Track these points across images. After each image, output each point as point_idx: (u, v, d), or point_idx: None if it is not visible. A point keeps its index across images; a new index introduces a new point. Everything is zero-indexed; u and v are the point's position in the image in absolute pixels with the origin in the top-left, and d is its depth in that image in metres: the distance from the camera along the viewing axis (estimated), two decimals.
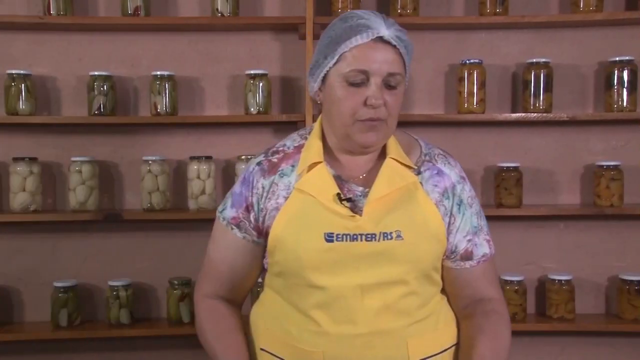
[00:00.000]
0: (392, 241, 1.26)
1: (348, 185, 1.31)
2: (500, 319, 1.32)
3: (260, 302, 1.42)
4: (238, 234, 1.36)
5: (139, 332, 2.58)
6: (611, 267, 2.70)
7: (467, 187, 1.37)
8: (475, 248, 1.35)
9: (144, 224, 2.67)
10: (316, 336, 1.27)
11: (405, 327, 1.27)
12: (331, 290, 1.26)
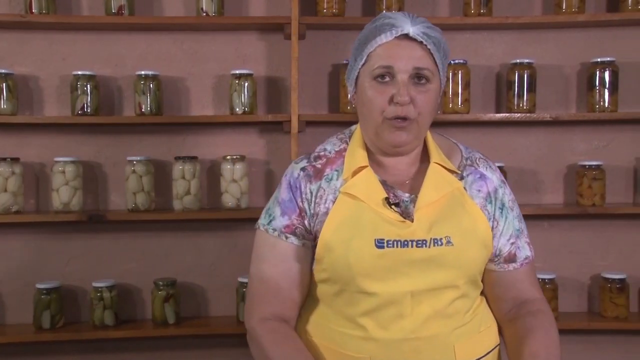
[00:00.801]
0: (443, 247, 1.25)
1: (394, 191, 1.30)
2: (547, 318, 1.32)
3: (303, 312, 1.38)
4: (295, 242, 1.32)
5: (124, 334, 2.56)
6: (594, 266, 2.73)
7: (507, 191, 1.37)
8: (519, 251, 1.35)
9: (129, 224, 2.65)
10: (363, 342, 1.26)
11: (452, 331, 1.27)
12: (382, 297, 1.24)
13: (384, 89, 1.25)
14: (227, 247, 2.70)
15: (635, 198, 2.71)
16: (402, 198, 1.29)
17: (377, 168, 1.32)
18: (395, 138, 1.26)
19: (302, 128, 2.52)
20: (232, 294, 2.63)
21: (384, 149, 1.31)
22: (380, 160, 1.33)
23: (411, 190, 1.30)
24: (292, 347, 1.28)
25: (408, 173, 1.33)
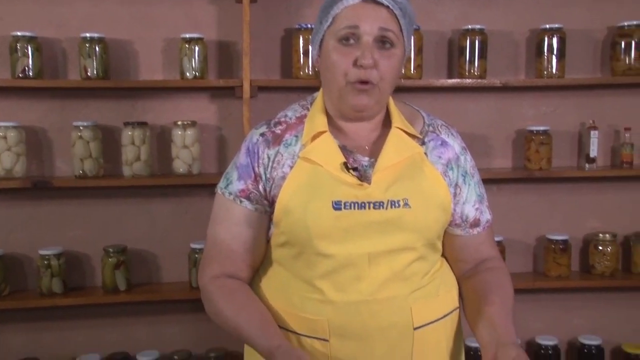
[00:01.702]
0: (400, 209, 1.26)
1: (354, 156, 1.30)
2: (503, 273, 1.38)
3: (261, 275, 1.39)
4: (249, 206, 1.32)
5: (73, 301, 2.53)
6: (539, 228, 2.81)
7: (468, 157, 1.39)
8: (482, 215, 1.39)
9: (76, 191, 2.60)
10: (320, 304, 1.28)
11: (410, 293, 1.29)
12: (339, 259, 1.26)
13: (348, 51, 1.24)
14: (178, 214, 2.67)
15: (579, 162, 2.79)
16: (361, 162, 1.30)
17: (337, 133, 1.33)
18: (358, 101, 1.26)
19: (254, 93, 2.49)
20: (184, 260, 2.62)
21: (346, 114, 1.31)
22: (341, 126, 1.33)
23: (371, 155, 1.31)
24: (240, 297, 1.31)
25: (369, 138, 1.34)
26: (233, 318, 1.29)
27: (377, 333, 1.26)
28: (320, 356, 1.28)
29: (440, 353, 1.33)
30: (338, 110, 1.32)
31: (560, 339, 2.76)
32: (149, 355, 2.57)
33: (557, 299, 2.84)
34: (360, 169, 1.29)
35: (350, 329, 1.26)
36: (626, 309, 2.85)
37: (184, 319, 2.70)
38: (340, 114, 1.32)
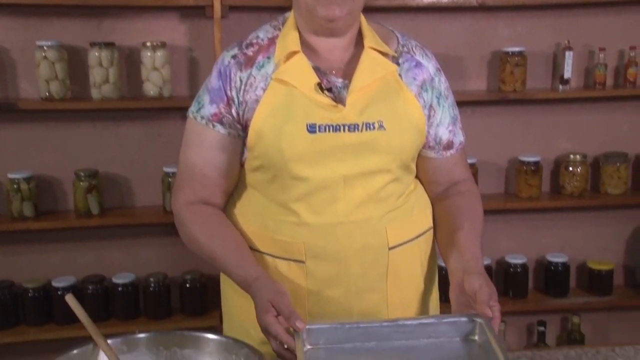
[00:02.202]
0: (375, 131, 1.25)
1: (327, 77, 1.28)
2: (474, 196, 1.39)
3: (235, 200, 1.38)
4: (222, 130, 1.30)
5: (45, 225, 2.52)
6: (511, 150, 2.84)
7: (443, 79, 1.37)
8: (455, 137, 1.38)
9: (44, 114, 2.53)
10: (296, 227, 1.28)
11: (384, 214, 1.30)
12: (314, 182, 1.25)
13: None
14: (150, 137, 2.63)
15: (553, 84, 2.79)
16: (335, 83, 1.28)
17: (310, 54, 1.29)
18: (329, 12, 1.23)
19: (226, 13, 2.41)
20: (158, 184, 2.60)
21: (318, 28, 1.28)
22: (314, 46, 1.30)
23: (345, 76, 1.29)
24: (215, 224, 1.31)
25: (342, 58, 1.31)
26: (207, 245, 1.29)
27: (353, 254, 1.28)
28: (297, 278, 1.29)
29: (414, 272, 1.36)
30: (309, 25, 1.28)
31: (529, 258, 2.83)
32: (124, 278, 2.59)
33: (527, 219, 2.90)
34: (334, 90, 1.27)
35: (326, 250, 1.27)
36: (593, 227, 2.92)
37: (158, 242, 2.71)
38: (311, 29, 1.28)
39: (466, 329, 1.16)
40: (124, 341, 1.14)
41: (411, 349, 1.13)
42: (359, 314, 1.30)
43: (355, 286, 1.29)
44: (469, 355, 1.12)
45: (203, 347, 1.15)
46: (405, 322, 1.16)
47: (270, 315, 1.14)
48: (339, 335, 1.14)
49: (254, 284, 1.21)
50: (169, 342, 1.16)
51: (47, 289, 2.56)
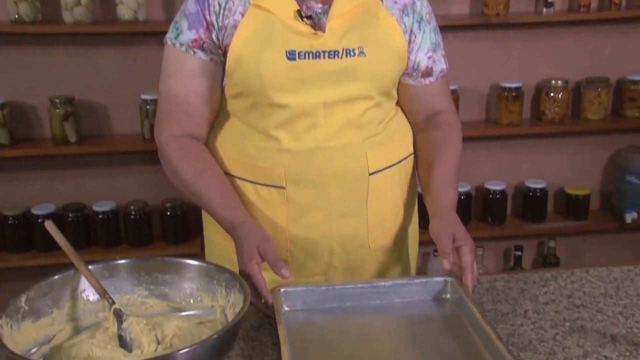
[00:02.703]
0: (355, 58, 1.23)
1: (307, 3, 1.24)
2: (451, 129, 1.37)
3: (216, 128, 1.36)
4: (203, 57, 1.26)
5: (22, 152, 2.49)
6: (493, 76, 2.81)
7: (425, 3, 1.34)
8: (435, 64, 1.35)
9: (14, 37, 2.45)
10: (276, 153, 1.27)
11: (365, 140, 1.29)
12: (294, 109, 1.23)
13: None
14: (126, 63, 2.57)
15: (537, 7, 2.75)
16: (314, 9, 1.24)
17: None
18: None
19: None
20: (135, 111, 2.55)
21: None
22: None
23: (324, 1, 1.25)
24: (201, 163, 1.30)
25: None
26: (193, 183, 1.28)
27: (333, 179, 1.27)
28: (278, 204, 1.29)
29: (394, 197, 1.36)
30: None
31: (508, 184, 2.86)
32: (104, 206, 2.59)
33: (507, 145, 2.91)
34: (314, 17, 1.23)
35: (306, 176, 1.27)
36: (572, 153, 2.95)
37: (138, 171, 2.69)
38: None
39: (438, 289, 1.19)
40: (105, 267, 1.14)
41: (386, 309, 1.17)
42: (339, 238, 1.31)
43: (335, 211, 1.29)
44: (442, 313, 1.16)
45: (184, 273, 1.16)
46: (379, 283, 1.19)
47: (254, 264, 1.14)
48: (315, 297, 1.17)
49: (240, 228, 1.20)
50: (150, 267, 1.17)
51: (27, 217, 2.56)
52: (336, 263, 1.33)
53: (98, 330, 1.07)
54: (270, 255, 1.15)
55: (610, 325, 1.14)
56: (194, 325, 1.08)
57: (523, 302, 1.21)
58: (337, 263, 1.33)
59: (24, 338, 1.02)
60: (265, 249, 1.16)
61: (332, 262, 1.33)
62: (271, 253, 1.15)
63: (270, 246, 1.17)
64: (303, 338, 1.08)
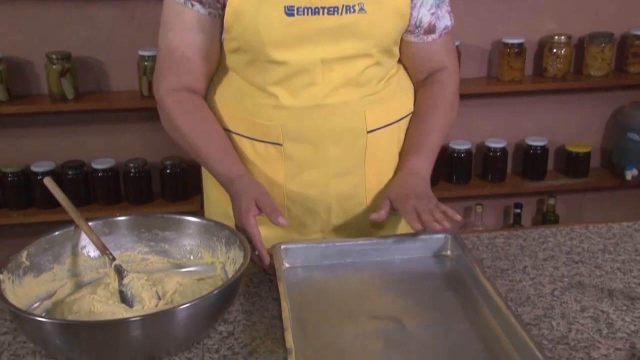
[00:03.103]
0: (355, 14, 1.20)
1: None
2: (443, 89, 1.35)
3: (215, 82, 1.34)
4: (202, 10, 1.23)
5: (20, 109, 2.47)
6: (495, 32, 2.78)
7: None
8: (438, 21, 1.32)
9: None
10: (274, 110, 1.25)
11: (364, 98, 1.27)
12: (292, 65, 1.22)
13: None
14: (123, 19, 2.53)
15: None
16: None
17: None
18: None
19: None
20: (134, 68, 2.53)
21: None
22: None
23: None
24: (200, 117, 1.29)
25: None
26: (191, 136, 1.27)
27: (330, 137, 1.27)
28: (275, 161, 1.28)
29: (392, 156, 1.35)
30: None
31: (508, 142, 2.85)
32: (104, 164, 2.58)
33: (509, 102, 2.89)
34: None
35: (304, 133, 1.26)
36: (573, 110, 2.93)
37: (137, 128, 2.67)
38: None
39: (438, 245, 1.20)
40: (105, 223, 1.15)
41: (386, 265, 1.17)
42: (337, 196, 1.30)
43: (333, 169, 1.29)
44: (441, 269, 1.16)
45: (184, 230, 1.16)
46: (379, 240, 1.19)
47: (251, 217, 1.14)
48: (315, 254, 1.17)
49: (237, 181, 1.20)
50: (150, 224, 1.17)
51: (27, 174, 2.55)
52: (334, 221, 1.33)
53: (99, 286, 1.08)
54: (268, 206, 1.15)
55: (608, 280, 1.14)
56: (195, 281, 1.09)
57: (522, 259, 1.22)
58: (334, 221, 1.33)
59: (26, 293, 1.02)
60: (262, 201, 1.16)
61: (330, 220, 1.33)
62: (269, 204, 1.16)
63: (267, 198, 1.17)
64: (303, 294, 1.09)
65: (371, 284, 1.13)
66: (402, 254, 1.19)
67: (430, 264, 1.18)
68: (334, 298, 1.09)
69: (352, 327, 1.00)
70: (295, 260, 1.17)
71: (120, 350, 0.90)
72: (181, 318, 0.91)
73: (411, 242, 1.19)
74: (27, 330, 0.94)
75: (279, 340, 0.98)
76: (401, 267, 1.17)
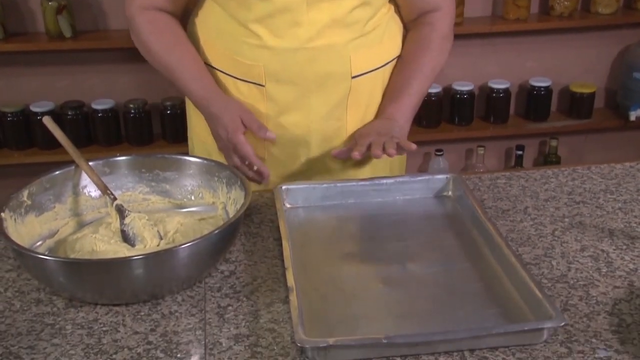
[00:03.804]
0: None
1: None
2: (431, 31, 1.31)
3: (197, 12, 1.30)
4: None
5: (16, 47, 2.44)
6: None
7: None
8: None
9: None
10: (257, 49, 1.22)
11: (350, 41, 1.23)
12: (274, 3, 1.17)
13: None
14: None
15: None
16: None
17: None
18: None
19: None
20: None
21: None
22: None
23: None
24: (173, 36, 1.26)
25: None
26: (163, 56, 1.25)
27: (314, 80, 1.23)
28: (257, 101, 1.26)
29: (375, 100, 1.32)
30: None
31: (512, 83, 2.82)
32: (103, 104, 2.56)
33: (513, 42, 2.83)
34: None
35: (287, 75, 1.23)
36: (579, 50, 2.88)
37: (137, 68, 2.63)
38: None
39: (439, 186, 1.19)
40: (106, 163, 1.14)
41: (387, 206, 1.17)
42: (318, 139, 1.29)
43: (314, 113, 1.26)
44: (443, 210, 1.16)
45: (185, 170, 1.16)
46: (381, 181, 1.19)
47: (240, 134, 1.13)
48: (317, 194, 1.17)
49: (215, 101, 1.18)
50: (150, 164, 1.16)
51: (26, 114, 2.54)
52: (314, 164, 1.31)
53: (101, 226, 1.08)
54: (254, 122, 1.15)
55: (609, 220, 1.14)
56: (196, 221, 1.09)
57: (523, 199, 1.22)
58: (314, 164, 1.31)
59: (29, 232, 1.03)
60: (247, 119, 1.15)
61: (310, 163, 1.31)
62: (254, 120, 1.16)
63: (251, 115, 1.17)
64: (304, 234, 1.09)
65: (372, 224, 1.13)
66: (403, 194, 1.19)
67: (431, 204, 1.18)
68: (334, 238, 1.09)
69: (353, 267, 1.01)
70: (296, 201, 1.17)
71: (123, 288, 0.91)
72: (183, 257, 0.92)
73: (412, 183, 1.19)
74: (30, 268, 0.94)
75: (279, 280, 0.99)
76: (402, 207, 1.17)
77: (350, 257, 1.04)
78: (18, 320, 0.91)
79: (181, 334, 0.88)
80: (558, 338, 0.86)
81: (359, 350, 0.82)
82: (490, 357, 0.83)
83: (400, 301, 0.93)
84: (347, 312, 0.91)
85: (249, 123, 1.15)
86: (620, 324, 0.89)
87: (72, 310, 0.93)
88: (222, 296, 0.96)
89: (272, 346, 0.85)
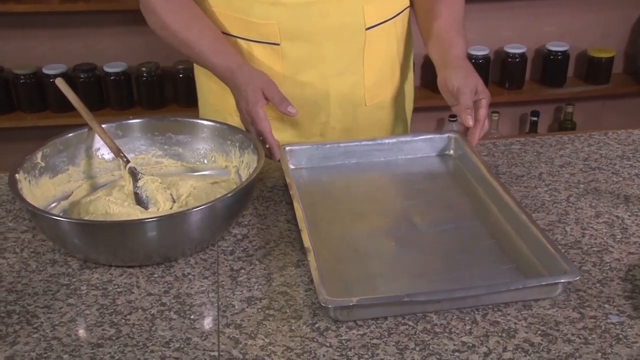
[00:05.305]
0: None
1: None
2: None
3: None
4: None
5: (29, 8, 2.42)
6: None
7: None
8: None
9: None
10: (269, 7, 1.21)
11: None
12: None
13: None
14: None
15: None
16: None
17: None
18: None
19: None
20: None
21: None
22: None
23: None
24: (190, 11, 1.24)
25: None
26: (182, 32, 1.23)
27: (328, 34, 1.23)
28: (272, 62, 1.25)
29: (390, 52, 1.32)
30: None
31: (528, 47, 2.77)
32: (116, 67, 2.55)
33: (531, 5, 2.78)
34: None
35: (301, 31, 1.22)
36: (598, 13, 2.82)
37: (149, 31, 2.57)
38: None
39: (441, 145, 1.20)
40: (119, 126, 1.14)
41: (390, 166, 1.18)
42: (336, 96, 1.28)
43: (331, 68, 1.25)
44: (446, 169, 1.17)
45: (198, 133, 1.16)
46: (383, 141, 1.19)
47: (260, 108, 1.13)
48: (320, 155, 1.17)
49: (239, 72, 1.17)
50: (163, 127, 1.16)
51: (39, 77, 2.54)
52: (333, 123, 1.31)
53: (114, 188, 1.08)
54: (276, 95, 1.14)
55: (625, 186, 1.13)
56: (209, 184, 1.09)
57: (538, 165, 1.21)
58: (333, 123, 1.31)
59: (43, 193, 1.03)
60: (269, 90, 1.14)
61: (329, 122, 1.31)
62: (276, 93, 1.15)
63: (274, 87, 1.15)
64: (311, 196, 1.09)
65: (377, 184, 1.14)
66: (405, 153, 1.19)
67: (434, 163, 1.18)
68: (342, 199, 1.09)
69: (364, 227, 1.01)
70: (299, 162, 1.17)
71: (137, 250, 0.92)
72: (196, 220, 0.92)
73: (415, 142, 1.19)
74: (45, 230, 0.95)
75: (292, 243, 0.99)
76: (405, 167, 1.17)
77: (360, 216, 1.04)
78: (34, 280, 0.92)
79: (194, 296, 0.89)
80: (570, 303, 0.86)
81: (382, 308, 0.83)
82: (502, 322, 0.83)
83: (415, 259, 0.94)
84: (363, 271, 0.91)
85: (271, 95, 1.14)
86: (633, 289, 0.89)
87: (87, 272, 0.94)
88: (234, 259, 0.96)
89: (284, 309, 0.86)
